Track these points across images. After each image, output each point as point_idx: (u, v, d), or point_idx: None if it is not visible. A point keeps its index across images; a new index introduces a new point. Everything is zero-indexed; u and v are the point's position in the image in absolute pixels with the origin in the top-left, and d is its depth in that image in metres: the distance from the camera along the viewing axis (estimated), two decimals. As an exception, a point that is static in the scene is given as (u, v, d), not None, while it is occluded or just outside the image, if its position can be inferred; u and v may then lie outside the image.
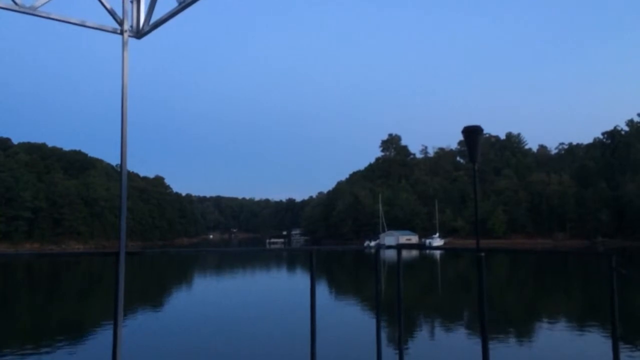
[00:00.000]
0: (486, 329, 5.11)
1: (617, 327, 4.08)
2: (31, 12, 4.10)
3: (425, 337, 19.46)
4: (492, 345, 5.36)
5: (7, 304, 30.82)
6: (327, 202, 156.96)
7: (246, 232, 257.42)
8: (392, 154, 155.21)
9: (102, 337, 17.88)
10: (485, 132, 5.69)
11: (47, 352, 16.78)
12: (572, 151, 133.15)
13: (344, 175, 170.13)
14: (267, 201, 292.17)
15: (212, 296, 33.62)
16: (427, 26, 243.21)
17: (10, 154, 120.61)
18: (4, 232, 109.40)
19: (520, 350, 16.59)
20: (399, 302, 5.63)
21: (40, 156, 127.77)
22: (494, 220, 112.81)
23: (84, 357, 16.28)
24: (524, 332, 19.76)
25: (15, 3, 4.03)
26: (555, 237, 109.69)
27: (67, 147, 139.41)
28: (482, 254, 4.96)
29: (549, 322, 22.42)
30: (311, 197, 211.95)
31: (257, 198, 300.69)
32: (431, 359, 15.60)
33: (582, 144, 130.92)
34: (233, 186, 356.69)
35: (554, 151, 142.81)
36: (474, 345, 15.69)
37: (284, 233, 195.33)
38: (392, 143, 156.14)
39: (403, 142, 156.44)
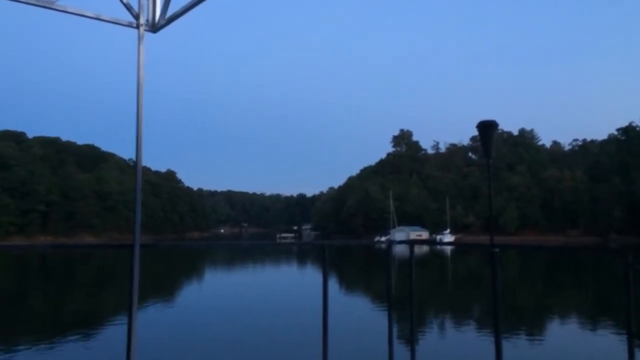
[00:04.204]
0: (499, 325, 5.09)
1: (633, 324, 4.03)
2: (47, 5, 4.12)
3: (437, 332, 19.41)
4: (504, 342, 5.33)
5: (22, 295, 31.21)
6: (338, 197, 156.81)
7: (257, 226, 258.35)
8: (404, 149, 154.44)
9: (116, 329, 18.05)
10: (498, 127, 5.64)
11: (62, 344, 16.96)
12: (585, 147, 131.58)
13: (354, 171, 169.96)
14: (277, 196, 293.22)
15: (223, 289, 33.80)
16: (440, 22, 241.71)
17: (24, 147, 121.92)
18: (19, 225, 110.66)
19: (532, 347, 16.49)
20: (411, 298, 5.61)
21: (55, 150, 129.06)
22: (506, 217, 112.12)
23: (98, 349, 16.45)
24: (537, 329, 19.62)
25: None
26: (568, 234, 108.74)
27: (80, 142, 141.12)
28: (497, 250, 4.92)
29: (562, 319, 22.26)
30: (322, 192, 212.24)
31: (267, 193, 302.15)
32: (443, 355, 15.54)
33: (596, 140, 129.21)
34: (244, 181, 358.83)
35: (567, 147, 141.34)
36: (486, 341, 15.65)
37: (295, 228, 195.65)
38: (403, 138, 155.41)
39: (414, 138, 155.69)
